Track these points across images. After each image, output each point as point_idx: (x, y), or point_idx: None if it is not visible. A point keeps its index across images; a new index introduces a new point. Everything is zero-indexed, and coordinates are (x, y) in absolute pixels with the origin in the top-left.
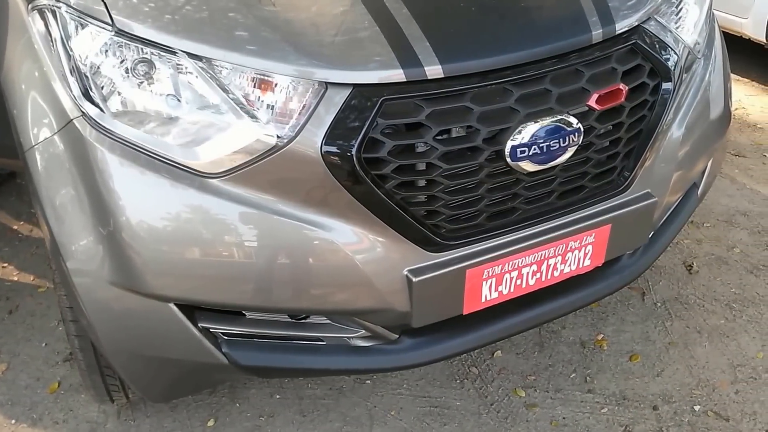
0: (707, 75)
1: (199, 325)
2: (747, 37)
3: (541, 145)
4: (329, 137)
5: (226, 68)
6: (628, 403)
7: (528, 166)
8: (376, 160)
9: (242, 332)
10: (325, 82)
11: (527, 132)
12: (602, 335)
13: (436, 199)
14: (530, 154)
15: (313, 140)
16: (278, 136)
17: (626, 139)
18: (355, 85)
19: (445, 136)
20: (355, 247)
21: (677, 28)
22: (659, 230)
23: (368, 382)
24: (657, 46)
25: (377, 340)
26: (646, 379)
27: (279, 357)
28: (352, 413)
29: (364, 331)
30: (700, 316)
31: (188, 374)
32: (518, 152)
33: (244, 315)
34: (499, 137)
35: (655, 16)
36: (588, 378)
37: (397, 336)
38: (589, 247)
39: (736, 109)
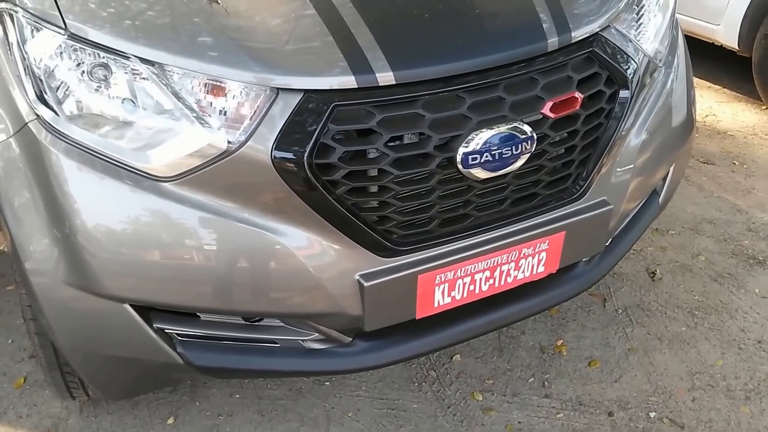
0: (669, 82)
1: (154, 325)
2: (719, 44)
3: (493, 152)
4: (280, 142)
5: (178, 73)
6: (584, 409)
7: (480, 174)
8: (327, 165)
9: (197, 333)
10: (277, 88)
11: (479, 139)
12: (562, 341)
13: (387, 205)
14: (482, 161)
15: (264, 145)
16: (229, 141)
17: (581, 146)
18: (306, 91)
19: (396, 143)
20: (307, 252)
21: (637, 36)
22: (617, 237)
23: (327, 383)
24: (615, 54)
25: (331, 343)
26: (603, 385)
27: (233, 358)
28: (310, 414)
29: (317, 333)
30: (662, 323)
31: (144, 373)
32: (470, 159)
33: (199, 316)
34: (450, 144)
35: (614, 24)
36: (546, 383)
37: (351, 339)
38: (543, 254)
39: (706, 116)
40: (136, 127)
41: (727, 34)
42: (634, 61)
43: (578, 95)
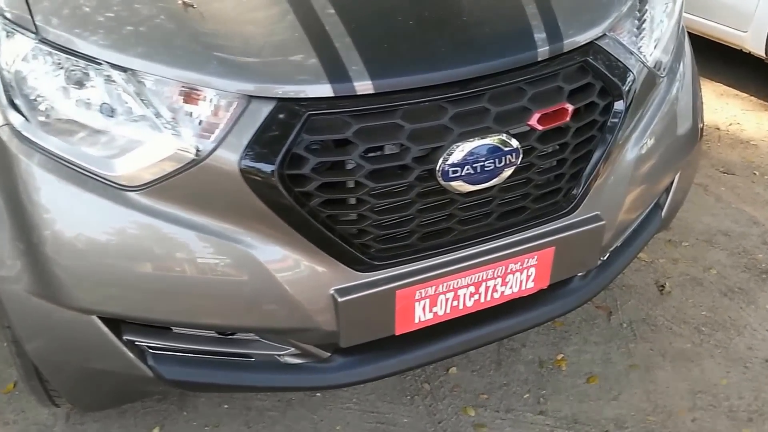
0: (673, 92)
1: (124, 337)
2: (747, 51)
3: (475, 165)
4: (249, 152)
5: (149, 79)
6: (579, 427)
7: (461, 187)
8: (300, 176)
9: (168, 346)
10: (249, 95)
11: (461, 151)
12: (562, 355)
13: (364, 218)
14: (463, 174)
15: (233, 154)
16: (198, 150)
17: (572, 159)
18: (279, 99)
19: (373, 154)
20: (278, 266)
21: (638, 45)
22: (616, 252)
23: (318, 395)
24: (611, 64)
25: (308, 358)
26: (601, 402)
27: (206, 372)
28: (297, 426)
29: (293, 348)
30: (667, 338)
31: (116, 385)
32: (450, 172)
33: (171, 329)
34: (431, 156)
35: (611, 33)
36: (542, 399)
37: (329, 354)
38: (532, 270)
39: (730, 124)
40: (106, 134)
41: (754, 41)
42: (632, 72)
43: (568, 107)
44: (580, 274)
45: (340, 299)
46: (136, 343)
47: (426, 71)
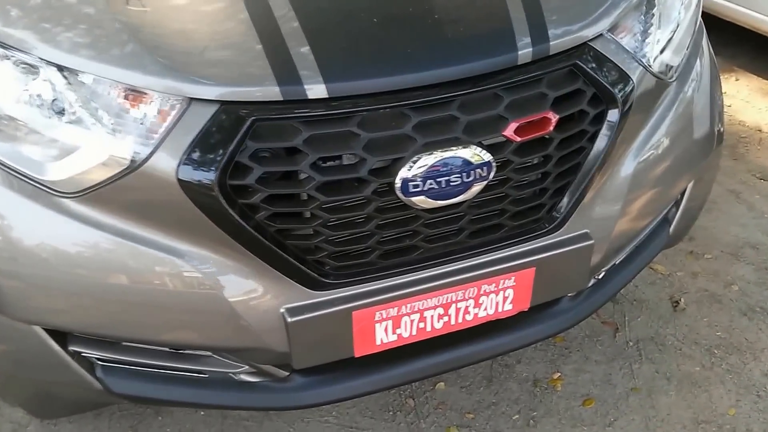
0: (683, 97)
1: (70, 348)
2: None
3: (439, 179)
4: (187, 159)
5: (87, 79)
6: None
7: (424, 203)
8: (244, 187)
9: (117, 359)
10: (189, 98)
11: (423, 164)
12: (559, 374)
13: (316, 233)
14: (426, 189)
15: (170, 162)
16: (133, 155)
17: (557, 173)
18: (222, 103)
19: (326, 164)
20: (223, 282)
21: (643, 48)
22: (612, 271)
23: None
24: (606, 69)
25: (265, 377)
26: (594, 429)
27: (156, 387)
28: None
29: (248, 366)
30: (675, 360)
31: (66, 396)
32: (411, 187)
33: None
34: (390, 169)
35: (609, 34)
36: (531, 421)
37: (288, 374)
38: (510, 291)
39: None
40: (40, 136)
41: None
42: (631, 78)
43: (552, 116)
44: (570, 294)
45: (290, 319)
46: (84, 354)
47: (387, 75)
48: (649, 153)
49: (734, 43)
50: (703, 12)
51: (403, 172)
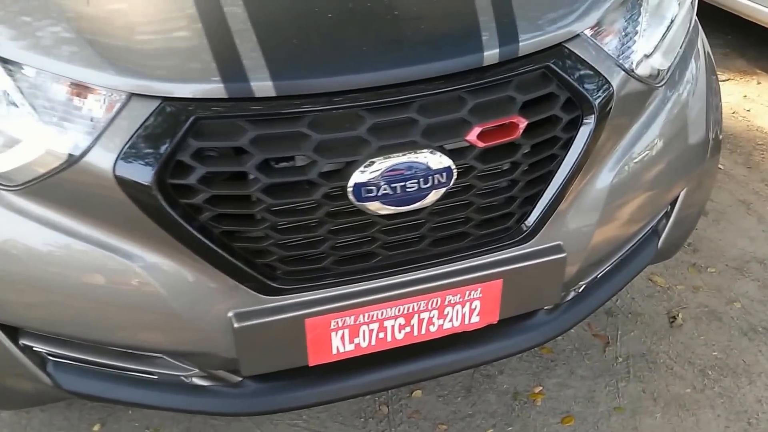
0: (673, 102)
1: (21, 342)
2: None
3: (394, 185)
4: (125, 156)
5: (28, 72)
6: None
7: (378, 209)
8: (187, 187)
9: (69, 355)
10: (130, 93)
11: (377, 168)
12: (541, 387)
13: (265, 237)
14: (379, 194)
15: (107, 158)
16: (72, 150)
17: (526, 181)
18: (164, 99)
19: (273, 166)
20: (168, 283)
21: (626, 50)
22: (594, 285)
23: None
24: (582, 72)
25: (217, 381)
26: None
27: (106, 386)
28: None
29: (198, 370)
30: (664, 380)
31: (20, 389)
32: (364, 191)
33: None
34: (342, 172)
35: (588, 35)
36: None
37: (240, 379)
38: (476, 303)
39: None
40: None
41: None
42: (610, 83)
43: (520, 120)
44: (547, 307)
45: (236, 325)
46: (35, 349)
47: (340, 74)
48: (632, 162)
49: (758, 45)
50: (727, 12)
51: (356, 176)
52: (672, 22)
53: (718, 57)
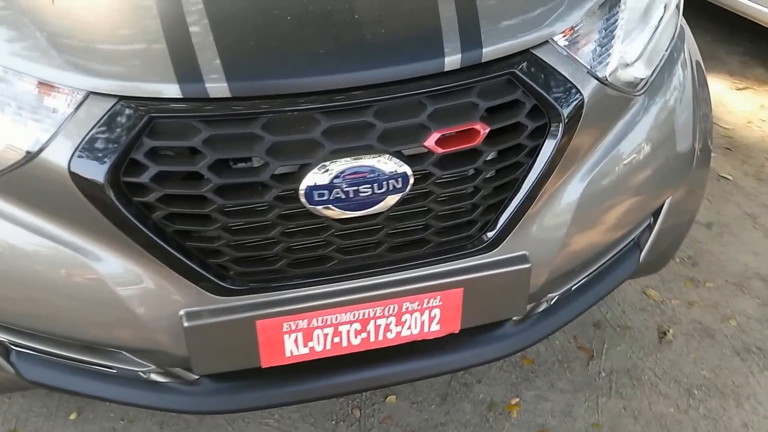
0: (655, 110)
1: None
2: None
3: (346, 189)
4: (81, 153)
5: None
6: None
7: (331, 213)
8: (140, 185)
9: (31, 345)
10: (87, 91)
11: (329, 172)
12: (518, 399)
13: (218, 237)
14: (332, 198)
15: (63, 155)
16: (30, 146)
17: (490, 189)
18: (120, 97)
19: (225, 167)
20: (121, 281)
21: (600, 58)
22: (567, 297)
23: None
24: (550, 80)
25: (174, 378)
26: None
27: (67, 378)
28: None
29: (155, 366)
30: (647, 398)
31: None
32: (316, 195)
33: None
34: (295, 175)
35: (557, 42)
36: None
37: (197, 377)
38: (436, 311)
39: None
40: None
41: None
42: (580, 91)
43: (482, 127)
44: (515, 318)
45: (186, 324)
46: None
47: (295, 76)
48: (606, 171)
49: None
50: (748, 20)
51: (309, 179)
52: (655, 30)
53: (736, 65)
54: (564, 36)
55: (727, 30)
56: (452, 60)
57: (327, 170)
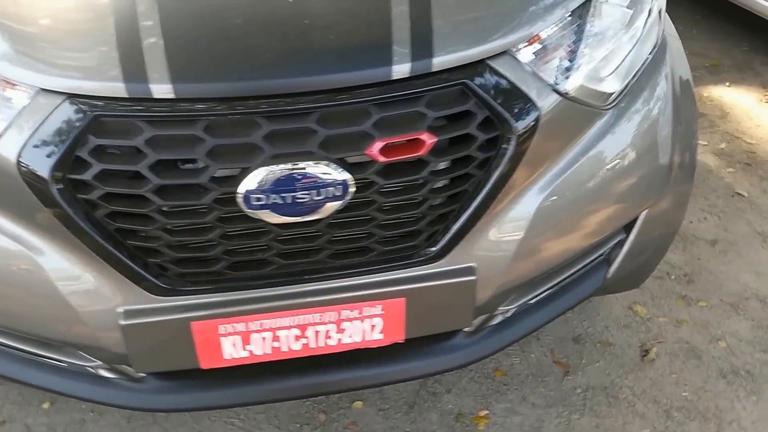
0: (623, 128)
1: None
2: None
3: (285, 195)
4: (27, 149)
5: None
6: None
7: (270, 218)
8: (83, 182)
9: None
10: (39, 88)
11: (267, 177)
12: (487, 411)
13: (157, 237)
14: (270, 203)
15: (11, 150)
16: None
17: (437, 200)
18: (69, 95)
19: (166, 167)
20: (63, 276)
21: (561, 71)
22: (525, 311)
23: None
24: (504, 92)
25: (121, 375)
26: None
27: (16, 368)
28: (175, 431)
29: (99, 362)
30: (623, 417)
31: None
32: (253, 199)
33: None
34: (234, 178)
35: (515, 53)
36: None
37: (144, 375)
38: (377, 320)
39: None
40: None
41: None
42: (535, 104)
43: (428, 137)
44: (466, 329)
45: (122, 321)
46: None
47: (238, 80)
48: (565, 187)
49: None
50: None
51: (247, 183)
52: (623, 43)
53: None
54: (523, 47)
55: (764, 39)
56: (400, 69)
57: (265, 175)
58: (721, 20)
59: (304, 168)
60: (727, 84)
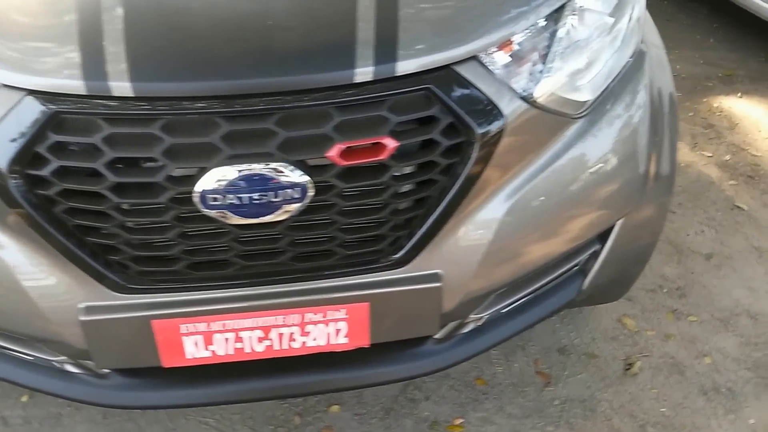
0: (597, 136)
1: None
2: None
3: (241, 195)
4: None
5: None
6: None
7: (226, 218)
8: (41, 178)
9: None
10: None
11: (224, 177)
12: (462, 420)
13: (115, 234)
14: (226, 203)
15: None
16: None
17: (399, 205)
18: (29, 91)
19: (123, 165)
20: (23, 270)
21: (530, 78)
22: (496, 319)
23: None
24: (469, 98)
25: (85, 370)
26: None
27: None
28: (149, 429)
29: (64, 356)
30: (598, 430)
31: None
32: (209, 199)
33: None
34: (191, 178)
35: (483, 59)
36: None
37: (108, 371)
38: (342, 324)
39: None
40: None
41: None
42: (501, 111)
43: (389, 141)
44: (436, 336)
45: (82, 318)
46: None
47: (197, 79)
48: (534, 194)
49: None
50: None
51: (203, 183)
52: (610, 53)
53: None
54: (493, 53)
55: None
56: (363, 71)
57: (222, 175)
58: (740, 29)
59: (262, 169)
60: (739, 95)
